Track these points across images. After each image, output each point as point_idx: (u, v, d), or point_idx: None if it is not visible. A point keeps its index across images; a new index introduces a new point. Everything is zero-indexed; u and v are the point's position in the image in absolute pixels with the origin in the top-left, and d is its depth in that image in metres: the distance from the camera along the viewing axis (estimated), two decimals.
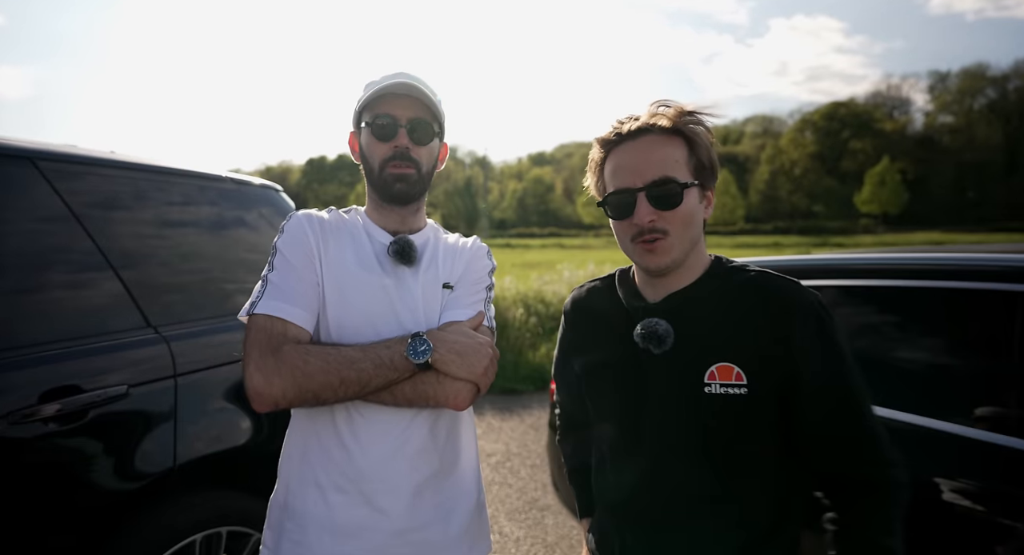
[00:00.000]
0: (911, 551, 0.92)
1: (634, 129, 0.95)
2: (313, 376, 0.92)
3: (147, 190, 1.85)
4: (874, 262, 1.88)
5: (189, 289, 1.86)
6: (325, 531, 0.99)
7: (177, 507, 1.69)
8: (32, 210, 1.55)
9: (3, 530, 1.36)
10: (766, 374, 0.91)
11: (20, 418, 1.38)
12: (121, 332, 1.65)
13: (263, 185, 2.32)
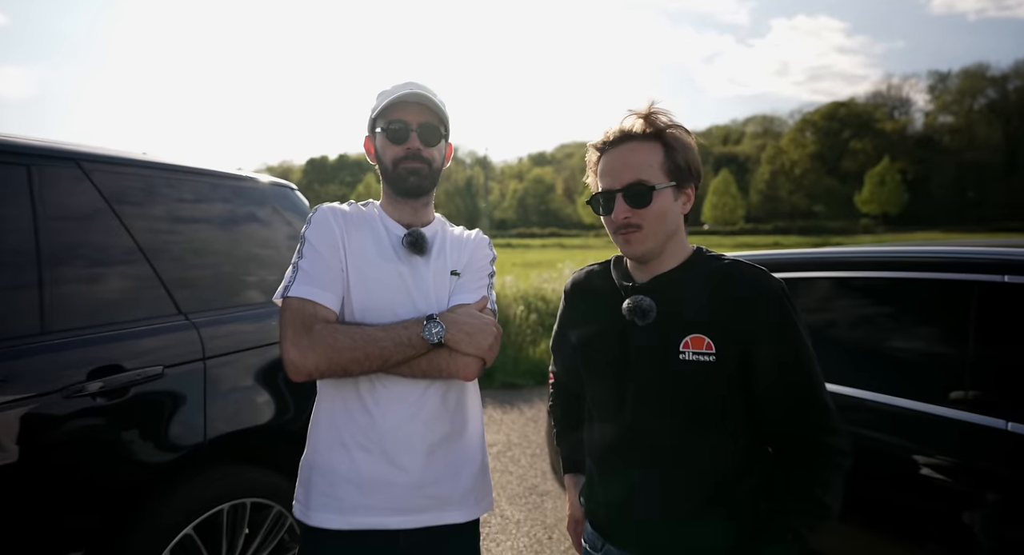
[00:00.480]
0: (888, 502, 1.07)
1: (616, 137, 1.10)
2: (342, 352, 1.07)
3: (177, 189, 2.00)
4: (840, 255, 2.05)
5: (215, 279, 2.02)
6: (351, 485, 1.14)
7: (207, 478, 1.85)
8: (78, 207, 1.71)
9: (54, 493, 1.52)
10: (731, 345, 1.06)
11: (72, 393, 1.54)
12: (156, 318, 1.80)
13: (278, 184, 2.48)
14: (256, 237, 2.23)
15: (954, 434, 1.59)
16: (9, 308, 1.52)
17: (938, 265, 1.74)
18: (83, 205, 1.72)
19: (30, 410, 1.48)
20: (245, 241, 2.18)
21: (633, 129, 1.09)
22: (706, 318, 1.07)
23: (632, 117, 1.11)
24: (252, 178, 2.32)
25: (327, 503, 1.14)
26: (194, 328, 1.87)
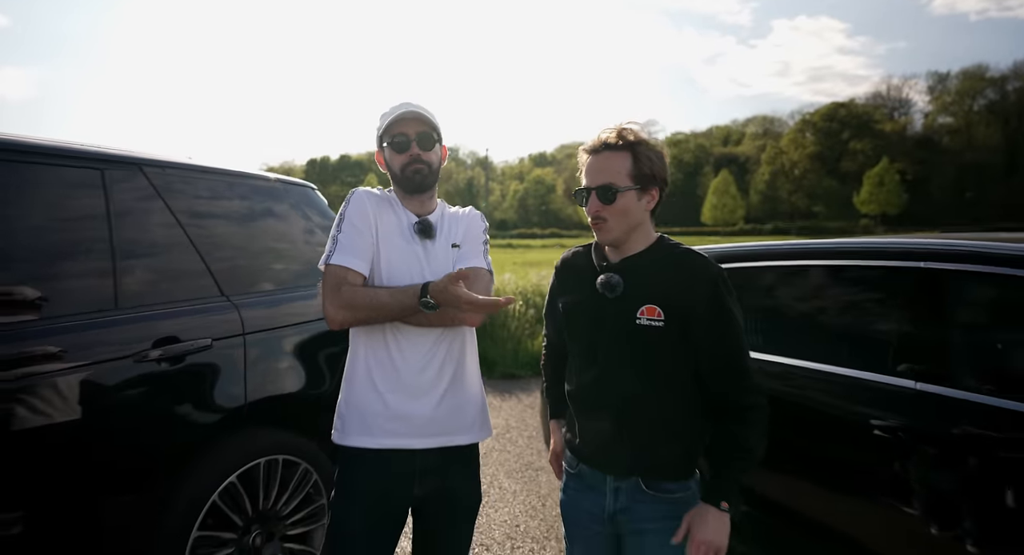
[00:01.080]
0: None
1: (597, 146, 1.41)
2: (359, 309, 1.39)
3: (218, 189, 2.33)
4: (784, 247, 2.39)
5: (251, 266, 2.34)
6: (381, 418, 1.45)
7: (247, 436, 2.16)
8: (141, 205, 2.02)
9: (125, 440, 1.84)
10: (676, 314, 1.36)
11: (140, 358, 1.86)
12: (204, 299, 2.12)
13: (301, 183, 2.80)
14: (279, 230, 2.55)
15: (878, 394, 1.91)
16: (90, 288, 1.84)
17: (865, 254, 2.06)
18: (145, 203, 2.04)
19: (108, 370, 1.80)
20: (274, 233, 2.51)
21: (608, 140, 1.40)
22: (659, 293, 1.38)
23: (609, 131, 1.42)
24: (281, 179, 2.64)
25: (361, 430, 1.45)
26: (235, 308, 2.19)
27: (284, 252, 2.53)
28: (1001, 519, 1.61)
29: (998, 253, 1.78)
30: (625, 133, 1.39)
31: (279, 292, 2.40)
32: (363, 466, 1.44)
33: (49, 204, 1.82)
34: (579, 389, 1.48)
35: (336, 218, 1.51)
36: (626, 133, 1.39)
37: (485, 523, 3.09)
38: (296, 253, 2.57)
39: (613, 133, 1.40)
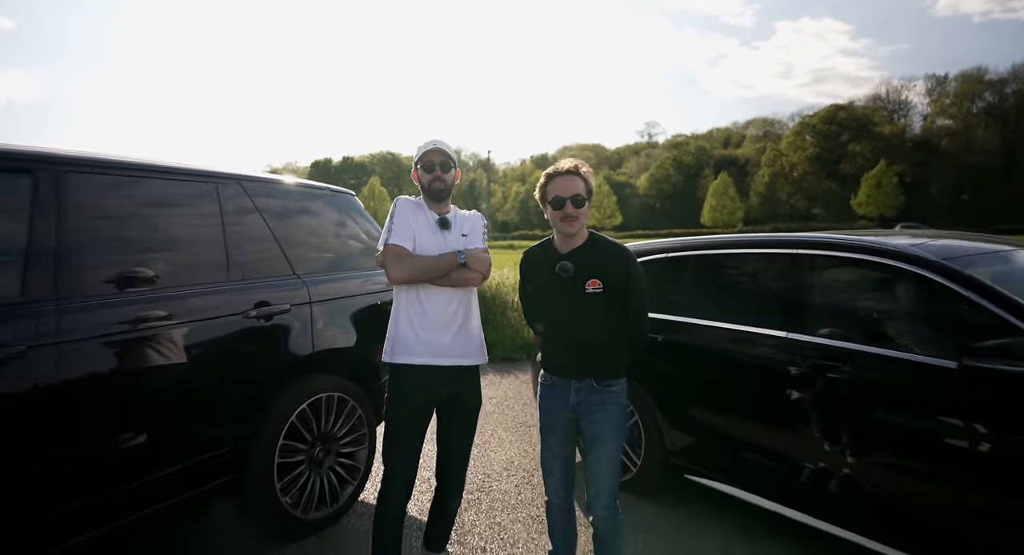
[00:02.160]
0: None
1: (564, 170, 2.21)
2: (415, 269, 2.18)
3: (288, 196, 3.14)
4: (715, 240, 3.21)
5: (313, 253, 3.14)
6: (415, 344, 2.23)
7: (313, 377, 2.97)
8: (240, 210, 2.83)
9: (231, 374, 2.64)
10: (608, 283, 2.16)
11: (246, 315, 2.67)
12: (283, 277, 2.92)
13: (344, 191, 3.61)
14: (329, 226, 3.36)
15: (759, 341, 2.72)
16: (212, 266, 2.64)
17: (756, 244, 2.88)
18: (243, 209, 2.85)
19: (226, 322, 2.60)
20: (326, 228, 3.32)
21: (571, 168, 2.21)
22: (597, 271, 2.19)
23: (569, 163, 2.22)
24: (330, 188, 3.45)
25: (403, 352, 2.24)
26: (304, 284, 2.99)
27: (333, 243, 3.34)
28: (835, 415, 2.43)
29: (838, 242, 2.60)
30: (579, 165, 2.21)
31: (331, 273, 3.21)
32: (405, 375, 2.24)
33: (186, 210, 2.63)
34: (555, 335, 2.28)
35: (388, 216, 2.31)
36: (580, 165, 2.21)
37: (487, 461, 3.89)
38: (340, 245, 3.38)
39: (573, 164, 2.21)
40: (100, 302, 2.18)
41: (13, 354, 1.91)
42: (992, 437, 2.05)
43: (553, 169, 2.25)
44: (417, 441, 2.27)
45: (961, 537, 2.12)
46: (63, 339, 2.04)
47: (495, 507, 3.24)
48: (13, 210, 2.05)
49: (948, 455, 2.14)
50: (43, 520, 2.01)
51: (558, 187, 2.19)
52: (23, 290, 2.01)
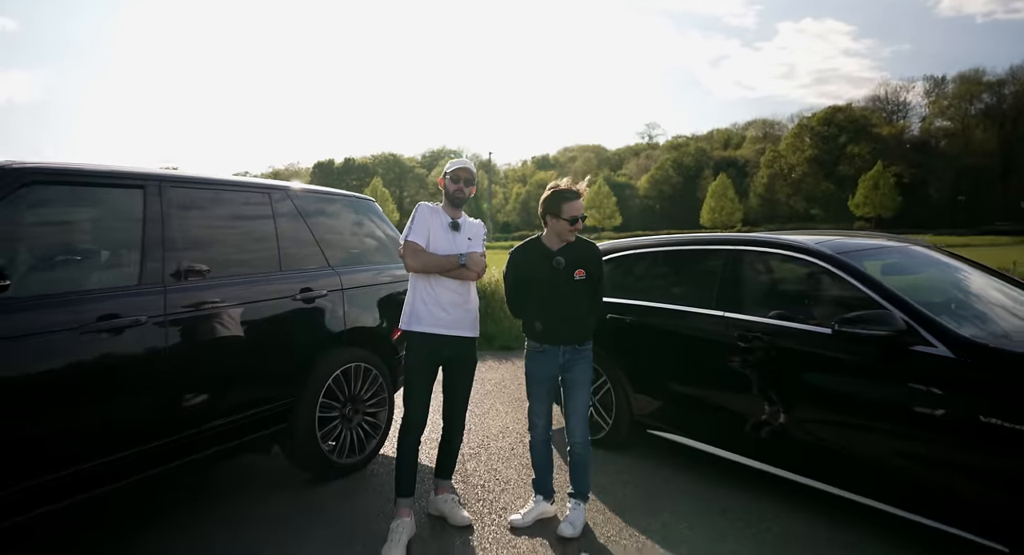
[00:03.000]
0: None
1: (578, 194, 2.90)
2: (427, 263, 2.89)
3: (323, 202, 3.84)
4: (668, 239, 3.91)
5: (343, 251, 3.84)
6: (427, 318, 2.92)
7: (345, 349, 3.66)
8: (288, 215, 3.54)
9: (279, 343, 3.34)
10: (589, 272, 2.88)
11: (293, 298, 3.37)
12: (321, 269, 3.62)
13: (367, 198, 4.31)
14: (353, 227, 4.06)
15: (702, 320, 3.42)
16: (268, 259, 3.34)
17: (703, 242, 3.59)
18: (290, 214, 3.55)
19: (279, 303, 3.30)
20: (351, 229, 4.02)
21: (580, 192, 2.90)
22: (581, 263, 2.89)
23: (581, 186, 2.92)
24: (356, 196, 4.16)
25: (416, 323, 2.92)
26: (337, 275, 3.69)
27: (357, 241, 4.04)
28: (761, 376, 3.13)
29: (761, 240, 3.30)
30: (583, 189, 2.92)
31: (357, 265, 3.91)
32: (417, 340, 2.93)
33: (248, 215, 3.33)
34: (550, 312, 2.95)
35: (410, 218, 3.00)
36: (583, 188, 2.92)
37: (485, 427, 4.59)
38: (362, 242, 4.08)
39: (582, 188, 2.91)
40: (191, 286, 2.88)
41: (137, 323, 2.61)
42: (855, 383, 2.76)
43: (567, 190, 2.90)
44: (426, 390, 2.96)
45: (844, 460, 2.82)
46: (169, 313, 2.74)
47: (492, 459, 3.94)
48: (130, 218, 2.75)
49: (831, 399, 2.85)
50: (178, 437, 2.70)
51: (574, 208, 2.86)
52: (140, 277, 2.71)
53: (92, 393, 2.48)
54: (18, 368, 2.25)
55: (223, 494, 3.43)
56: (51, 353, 2.35)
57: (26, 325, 2.26)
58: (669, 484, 3.48)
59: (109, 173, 2.75)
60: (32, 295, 2.32)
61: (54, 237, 2.56)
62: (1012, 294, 3.17)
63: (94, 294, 2.52)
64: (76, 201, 2.64)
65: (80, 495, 2.43)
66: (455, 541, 2.89)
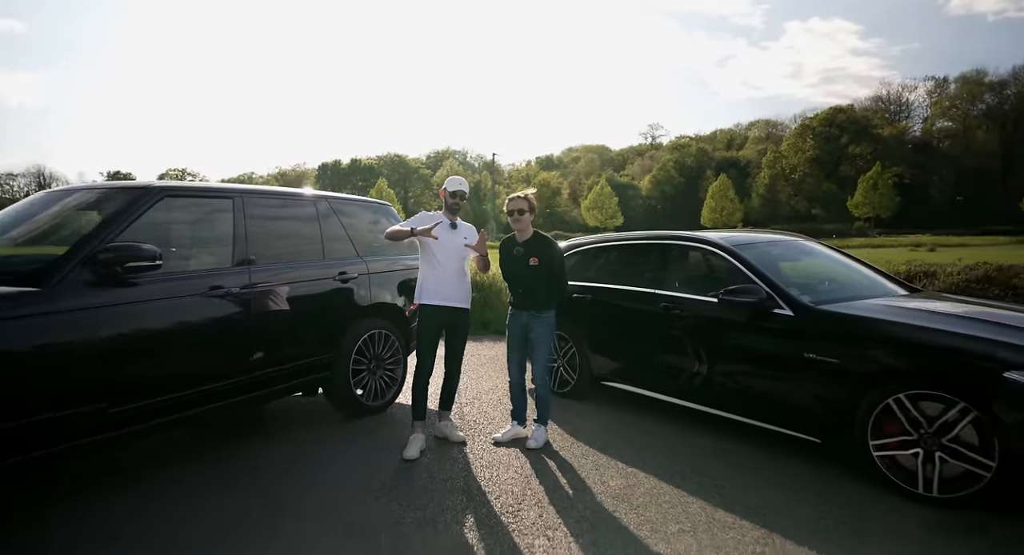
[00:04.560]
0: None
1: (516, 197, 4.05)
2: (391, 233, 4.07)
3: (352, 206, 5.00)
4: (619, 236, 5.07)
5: (368, 243, 5.00)
6: (431, 291, 4.05)
7: (371, 319, 4.82)
8: (329, 217, 4.70)
9: (328, 316, 4.50)
10: (542, 260, 4.02)
11: (333, 279, 4.53)
12: (351, 258, 4.78)
13: (385, 203, 5.47)
14: (374, 226, 5.22)
15: (638, 296, 4.57)
16: (314, 251, 4.50)
17: (645, 238, 4.75)
18: (329, 216, 4.71)
19: (323, 283, 4.46)
20: (372, 228, 5.18)
21: (519, 196, 4.05)
22: (535, 252, 4.04)
23: (521, 192, 4.08)
24: (378, 201, 5.33)
25: (426, 297, 4.06)
26: (364, 262, 4.85)
27: (376, 237, 5.19)
28: (681, 336, 4.28)
29: (681, 235, 4.45)
30: (527, 195, 4.07)
31: (377, 255, 5.06)
32: (426, 308, 4.07)
33: (300, 217, 4.50)
34: (516, 286, 4.12)
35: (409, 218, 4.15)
36: (527, 195, 4.07)
37: (479, 386, 5.73)
38: (381, 239, 5.23)
39: (523, 194, 4.06)
40: (264, 268, 4.03)
41: (231, 293, 3.76)
42: (731, 338, 3.92)
43: (511, 196, 4.08)
44: (434, 345, 4.11)
45: (731, 391, 3.96)
46: (252, 286, 3.89)
47: (483, 405, 5.09)
48: (224, 223, 3.90)
49: (722, 349, 3.99)
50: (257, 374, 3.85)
51: (510, 205, 4.04)
52: (232, 261, 3.86)
53: (208, 338, 3.64)
54: (167, 319, 3.41)
55: (281, 428, 4.60)
56: (184, 310, 3.51)
57: (171, 290, 3.43)
58: (613, 418, 4.62)
59: (211, 189, 3.93)
60: (171, 271, 3.48)
61: (181, 232, 3.74)
62: (855, 271, 4.33)
63: (207, 271, 3.69)
64: (193, 208, 3.82)
65: (200, 408, 3.58)
66: (453, 450, 4.04)
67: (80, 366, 3.01)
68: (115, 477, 3.58)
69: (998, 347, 2.92)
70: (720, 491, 3.28)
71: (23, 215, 3.78)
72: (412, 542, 2.77)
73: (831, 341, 3.43)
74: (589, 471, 3.63)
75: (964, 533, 2.78)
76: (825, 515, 2.98)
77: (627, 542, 2.77)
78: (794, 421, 3.61)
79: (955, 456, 2.95)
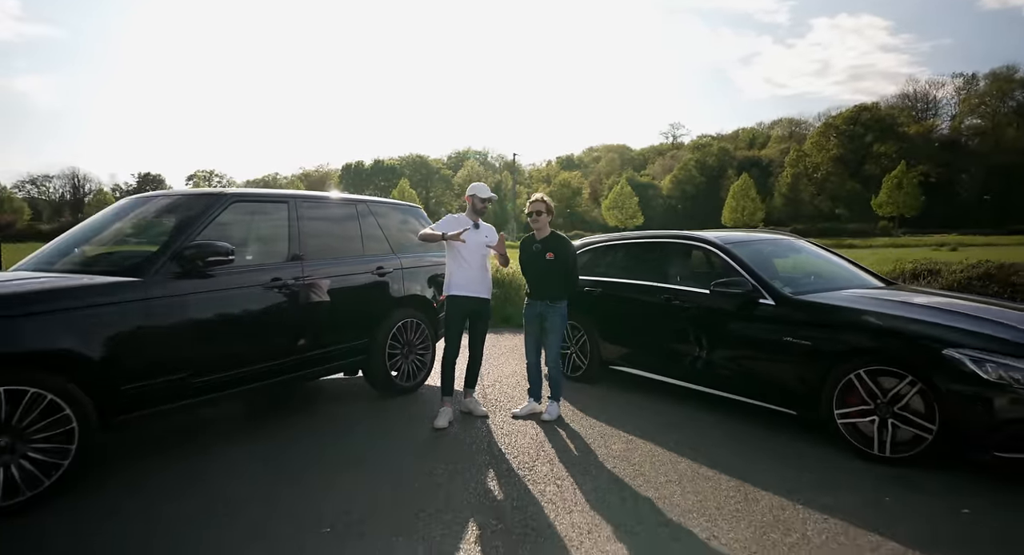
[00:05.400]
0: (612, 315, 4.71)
1: (534, 200, 4.63)
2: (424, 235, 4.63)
3: (386, 208, 5.62)
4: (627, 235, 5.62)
5: (401, 241, 5.61)
6: (457, 283, 4.64)
7: (404, 308, 5.43)
8: (367, 217, 5.32)
9: (368, 306, 5.12)
10: (558, 256, 4.59)
11: (373, 273, 5.14)
12: (387, 254, 5.39)
13: (413, 207, 6.09)
14: (405, 226, 5.83)
15: (643, 289, 5.11)
16: (354, 249, 5.12)
17: (652, 237, 5.29)
18: (368, 217, 5.33)
19: (364, 275, 5.08)
20: (404, 227, 5.79)
21: (536, 199, 4.63)
22: (552, 249, 4.61)
23: (537, 195, 4.66)
24: (408, 204, 5.95)
25: (454, 288, 4.65)
26: (398, 258, 5.46)
27: (408, 236, 5.80)
28: (683, 324, 4.83)
29: (681, 234, 4.99)
30: (543, 197, 4.65)
31: (409, 253, 5.67)
32: (454, 299, 4.66)
33: (343, 217, 5.12)
34: (533, 278, 4.71)
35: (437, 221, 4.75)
36: (544, 197, 4.65)
37: (500, 372, 6.30)
38: (412, 238, 5.85)
39: (540, 197, 4.64)
40: (313, 263, 4.66)
41: (287, 284, 4.39)
42: (722, 325, 4.44)
43: (530, 199, 4.66)
44: (460, 331, 4.70)
45: (725, 371, 4.48)
46: (304, 278, 4.52)
47: (504, 387, 5.67)
48: (280, 224, 4.54)
49: (715, 336, 4.52)
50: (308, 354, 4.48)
51: (530, 208, 4.62)
52: (287, 256, 4.49)
53: (268, 322, 4.28)
54: (237, 305, 4.06)
55: (323, 405, 5.23)
56: (250, 298, 4.15)
57: (240, 281, 4.07)
58: (622, 399, 5.17)
59: (271, 194, 4.59)
60: (240, 265, 4.12)
61: (247, 232, 4.38)
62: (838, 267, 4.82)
63: (268, 265, 4.33)
64: (256, 212, 4.46)
65: (260, 383, 4.21)
66: (477, 423, 4.62)
67: (171, 342, 3.66)
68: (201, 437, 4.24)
69: (940, 330, 3.43)
70: (707, 455, 3.81)
71: (115, 217, 4.45)
72: (443, 488, 3.36)
73: (805, 326, 3.94)
74: (595, 438, 4.19)
75: (907, 486, 3.29)
76: (794, 470, 3.51)
77: (622, 489, 3.33)
78: (775, 396, 4.13)
79: (905, 422, 3.46)
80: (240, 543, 2.75)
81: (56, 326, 3.17)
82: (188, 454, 3.90)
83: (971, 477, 3.40)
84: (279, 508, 3.10)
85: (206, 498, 3.23)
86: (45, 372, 3.09)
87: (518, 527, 2.90)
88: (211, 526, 2.91)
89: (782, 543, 2.71)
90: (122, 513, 3.06)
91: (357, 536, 2.80)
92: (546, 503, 3.17)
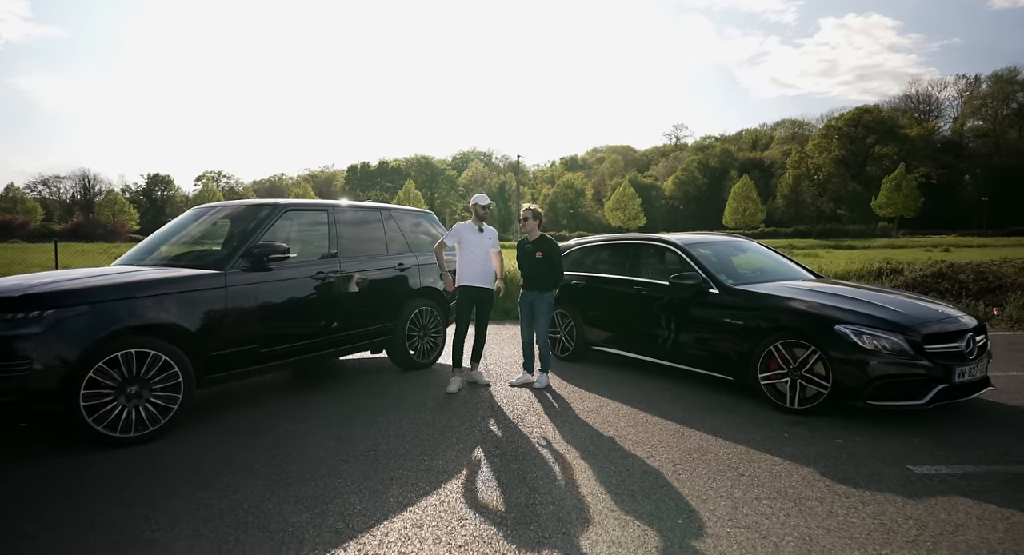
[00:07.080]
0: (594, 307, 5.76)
1: (525, 208, 5.69)
2: (437, 257, 5.72)
3: (405, 214, 6.69)
4: (607, 237, 6.69)
5: (417, 242, 6.68)
6: (466, 275, 5.69)
7: (419, 298, 6.50)
8: (389, 222, 6.39)
9: (390, 296, 6.19)
10: (545, 254, 5.65)
11: (394, 268, 6.22)
12: (405, 253, 6.46)
13: (427, 212, 7.16)
14: (419, 230, 6.89)
15: (620, 282, 6.17)
16: (377, 249, 6.19)
17: (626, 239, 6.35)
18: (389, 220, 6.41)
19: (387, 270, 6.15)
20: (419, 231, 6.86)
21: (527, 208, 5.70)
22: (540, 248, 5.68)
23: (527, 204, 5.72)
24: (422, 211, 7.03)
25: (464, 280, 5.71)
26: (415, 255, 6.53)
27: (422, 238, 6.87)
28: (651, 311, 5.89)
29: (648, 237, 6.05)
30: (534, 207, 5.72)
31: (424, 251, 6.73)
32: (464, 288, 5.72)
33: (371, 221, 6.20)
34: (525, 273, 5.77)
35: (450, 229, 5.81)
36: (534, 206, 5.72)
37: (500, 354, 7.36)
38: (425, 239, 6.91)
39: (529, 207, 5.71)
40: (348, 259, 5.72)
41: (328, 277, 5.46)
42: (679, 310, 5.49)
43: (523, 207, 5.73)
44: (468, 315, 5.76)
45: (685, 348, 5.53)
46: (340, 271, 5.58)
47: (503, 365, 6.73)
48: (321, 228, 5.61)
49: (675, 319, 5.57)
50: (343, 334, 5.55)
51: (522, 214, 5.68)
52: (327, 254, 5.57)
53: (314, 306, 5.35)
54: (291, 293, 5.13)
55: (358, 376, 6.30)
56: (301, 287, 5.22)
57: (294, 273, 5.15)
58: (599, 372, 6.22)
59: (314, 204, 5.68)
60: (293, 260, 5.20)
61: (298, 234, 5.46)
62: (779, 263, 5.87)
63: (313, 261, 5.41)
64: (303, 218, 5.54)
65: (306, 356, 5.28)
66: (481, 390, 5.68)
67: (244, 320, 4.74)
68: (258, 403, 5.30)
69: (833, 311, 4.49)
70: (660, 409, 4.87)
71: (189, 223, 5.54)
72: (455, 430, 4.42)
73: (740, 309, 4.99)
74: (574, 400, 5.25)
75: (803, 427, 4.33)
76: (721, 418, 4.56)
77: (590, 431, 4.39)
78: (718, 366, 5.18)
79: (810, 382, 4.51)
80: (312, 461, 3.82)
81: (168, 305, 4.25)
82: (258, 411, 4.97)
83: (849, 419, 4.47)
84: (339, 440, 4.17)
85: (283, 432, 4.31)
86: (161, 339, 4.17)
87: (510, 453, 3.96)
88: (289, 451, 3.99)
89: (701, 461, 3.77)
90: (207, 447, 4.14)
91: (393, 457, 3.87)
92: (533, 439, 4.23)
